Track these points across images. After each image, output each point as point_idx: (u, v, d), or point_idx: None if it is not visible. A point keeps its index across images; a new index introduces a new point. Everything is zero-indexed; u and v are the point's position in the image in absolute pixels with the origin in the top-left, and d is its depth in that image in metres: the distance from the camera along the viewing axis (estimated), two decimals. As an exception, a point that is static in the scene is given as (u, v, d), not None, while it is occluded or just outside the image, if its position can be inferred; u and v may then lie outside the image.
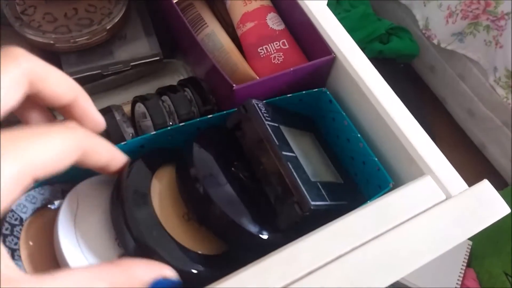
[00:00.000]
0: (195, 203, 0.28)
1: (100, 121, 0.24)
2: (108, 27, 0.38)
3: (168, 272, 0.22)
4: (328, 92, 0.35)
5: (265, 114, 0.31)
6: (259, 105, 0.32)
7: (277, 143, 0.29)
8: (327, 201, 0.29)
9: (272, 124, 0.31)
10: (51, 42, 0.37)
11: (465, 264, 1.01)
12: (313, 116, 0.38)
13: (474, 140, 1.38)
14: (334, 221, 0.27)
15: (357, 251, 0.26)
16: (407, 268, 0.26)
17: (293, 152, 0.30)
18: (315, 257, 0.25)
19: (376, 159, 0.32)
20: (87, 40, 0.37)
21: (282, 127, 0.32)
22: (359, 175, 0.35)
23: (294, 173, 0.28)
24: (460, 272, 1.00)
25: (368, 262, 0.26)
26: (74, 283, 0.18)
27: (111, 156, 0.24)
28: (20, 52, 0.20)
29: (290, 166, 0.28)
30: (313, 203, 0.27)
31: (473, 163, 1.36)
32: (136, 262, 0.21)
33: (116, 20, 0.38)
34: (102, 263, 0.20)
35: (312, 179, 0.30)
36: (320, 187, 0.30)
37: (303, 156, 0.31)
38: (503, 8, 1.12)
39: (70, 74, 0.37)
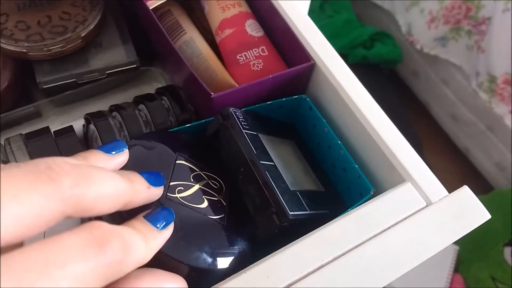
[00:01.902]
0: None
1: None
2: (82, 35, 0.37)
3: (178, 284, 0.20)
4: (308, 99, 0.35)
5: (243, 123, 0.31)
6: (237, 113, 0.31)
7: (255, 152, 0.29)
8: (306, 210, 0.28)
9: (251, 132, 0.30)
10: (24, 50, 0.36)
11: (452, 269, 1.01)
12: (294, 123, 0.38)
13: (458, 144, 1.39)
14: (315, 230, 0.26)
15: (339, 261, 0.25)
16: (389, 276, 0.26)
17: (272, 161, 0.30)
18: (296, 268, 0.25)
19: (356, 166, 0.31)
20: (61, 48, 0.36)
21: (261, 136, 0.31)
22: (340, 182, 0.34)
23: (272, 183, 0.28)
24: (447, 278, 1.00)
25: (351, 271, 0.25)
26: None
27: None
28: (62, 172, 0.16)
29: (268, 175, 0.28)
30: (291, 213, 0.27)
31: (457, 167, 1.37)
32: (144, 274, 0.19)
33: (91, 28, 0.38)
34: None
35: (291, 188, 0.29)
36: (299, 196, 0.29)
37: (283, 164, 0.31)
38: (484, 13, 1.14)
39: (44, 83, 0.37)
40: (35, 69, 0.37)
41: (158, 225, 0.21)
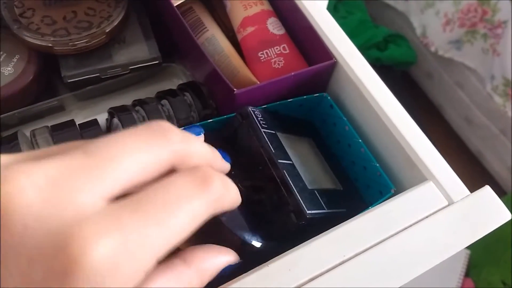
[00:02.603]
0: None
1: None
2: (107, 30, 0.38)
3: (233, 258, 0.22)
4: (329, 97, 0.35)
5: (261, 122, 0.31)
6: (256, 112, 0.31)
7: (273, 151, 0.29)
8: (324, 209, 0.29)
9: (269, 131, 0.31)
10: (50, 45, 0.37)
11: (463, 273, 1.01)
12: (314, 120, 0.38)
13: (471, 147, 1.38)
14: (337, 226, 0.27)
15: (358, 258, 0.26)
16: (409, 275, 0.26)
17: (290, 159, 0.30)
18: (317, 263, 0.25)
19: (377, 164, 0.32)
20: (86, 43, 0.37)
21: (279, 134, 0.32)
22: (360, 180, 0.35)
23: (290, 182, 0.28)
24: (458, 281, 1.00)
25: (370, 269, 0.25)
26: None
27: None
28: (171, 130, 0.19)
29: (286, 174, 0.28)
30: (309, 211, 0.27)
31: (470, 170, 1.36)
32: (199, 254, 0.20)
33: (115, 24, 0.38)
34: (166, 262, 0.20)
35: (309, 187, 0.29)
36: (317, 195, 0.30)
37: (301, 163, 0.31)
38: (500, 16, 1.13)
39: (68, 77, 0.37)
40: (60, 63, 0.38)
41: None
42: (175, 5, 0.37)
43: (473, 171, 1.36)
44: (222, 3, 0.41)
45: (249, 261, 0.24)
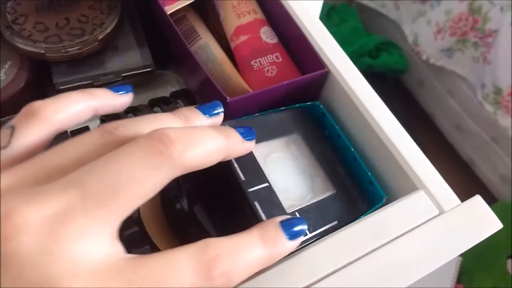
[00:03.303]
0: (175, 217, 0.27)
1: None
2: (100, 38, 0.38)
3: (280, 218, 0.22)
4: (321, 106, 0.35)
5: None
6: None
7: (243, 178, 0.26)
8: (306, 235, 0.27)
9: None
10: (42, 51, 0.37)
11: (455, 280, 1.01)
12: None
13: (463, 155, 1.39)
14: (329, 235, 0.27)
15: (350, 267, 0.26)
16: (401, 284, 0.26)
17: (265, 181, 0.27)
18: (309, 273, 0.25)
19: (369, 173, 0.32)
20: (78, 50, 0.37)
21: (257, 146, 0.30)
22: (352, 189, 0.34)
23: (262, 214, 0.25)
24: (450, 288, 1.00)
25: (362, 278, 0.25)
26: None
27: None
28: (171, 144, 0.19)
29: (258, 206, 0.26)
30: None
31: (461, 178, 1.37)
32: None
33: (108, 31, 0.38)
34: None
35: (289, 210, 0.27)
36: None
37: (281, 178, 0.29)
38: (491, 25, 1.15)
39: (60, 84, 0.37)
40: (52, 70, 0.38)
41: None
42: (168, 13, 0.37)
43: (465, 179, 1.37)
44: (216, 12, 0.41)
45: None
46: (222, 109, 0.25)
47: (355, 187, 0.33)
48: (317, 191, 0.31)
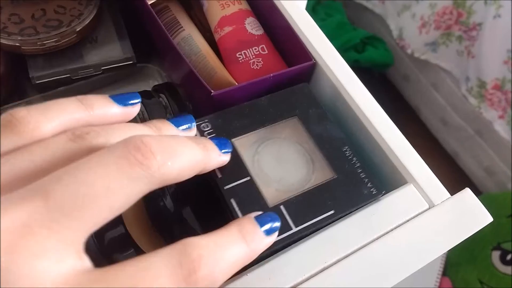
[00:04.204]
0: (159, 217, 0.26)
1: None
2: (78, 29, 0.36)
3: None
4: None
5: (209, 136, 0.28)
6: (202, 125, 0.28)
7: (219, 176, 0.26)
8: (290, 229, 0.25)
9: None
10: (17, 44, 0.35)
11: (441, 272, 1.02)
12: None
13: (447, 148, 1.40)
14: (317, 232, 0.26)
15: (341, 263, 0.25)
16: (393, 279, 0.25)
17: (246, 175, 0.26)
18: (299, 270, 0.24)
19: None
20: (55, 43, 0.35)
21: (243, 137, 0.28)
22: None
23: (238, 212, 0.25)
24: (436, 281, 1.01)
25: (354, 273, 0.25)
26: None
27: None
28: (150, 155, 0.18)
29: (234, 203, 0.25)
30: None
31: (446, 171, 1.38)
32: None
33: (87, 22, 0.37)
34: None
35: (271, 204, 0.26)
36: (284, 212, 0.26)
37: (274, 167, 0.27)
38: (475, 19, 1.15)
39: (37, 78, 0.36)
40: (28, 64, 0.36)
41: None
42: (149, 3, 0.35)
43: (449, 172, 1.38)
44: (199, 2, 0.40)
45: None
46: (195, 123, 0.25)
47: (357, 173, 0.29)
48: (315, 177, 0.28)
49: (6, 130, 0.17)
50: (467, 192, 0.29)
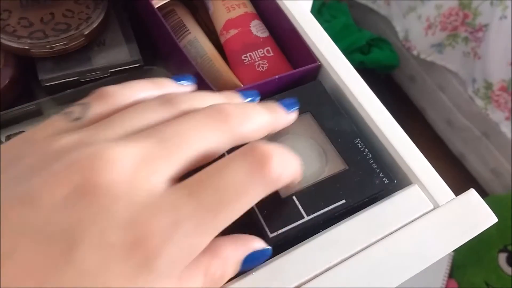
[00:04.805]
0: None
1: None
2: (86, 33, 0.37)
3: (257, 244, 0.22)
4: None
5: None
6: None
7: None
8: (303, 218, 0.26)
9: None
10: (26, 47, 0.36)
11: (447, 274, 1.02)
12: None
13: (453, 150, 1.40)
14: (322, 232, 0.26)
15: (346, 263, 0.25)
16: (397, 279, 0.25)
17: None
18: (304, 269, 0.25)
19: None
20: (64, 46, 0.36)
21: None
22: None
23: (255, 207, 0.25)
24: (442, 283, 1.00)
25: (358, 273, 0.25)
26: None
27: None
28: (231, 115, 0.21)
29: None
30: (272, 235, 0.25)
31: (452, 173, 1.37)
32: (223, 242, 0.21)
33: (95, 26, 0.37)
34: None
35: (284, 195, 0.26)
36: (296, 202, 0.26)
37: None
38: (481, 20, 1.15)
39: (46, 80, 0.36)
40: (37, 67, 0.37)
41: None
42: (156, 7, 0.36)
43: (456, 173, 1.38)
44: (205, 6, 0.40)
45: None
46: (259, 97, 0.27)
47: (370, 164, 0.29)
48: (328, 169, 0.29)
49: (99, 98, 0.21)
50: (471, 193, 0.29)
